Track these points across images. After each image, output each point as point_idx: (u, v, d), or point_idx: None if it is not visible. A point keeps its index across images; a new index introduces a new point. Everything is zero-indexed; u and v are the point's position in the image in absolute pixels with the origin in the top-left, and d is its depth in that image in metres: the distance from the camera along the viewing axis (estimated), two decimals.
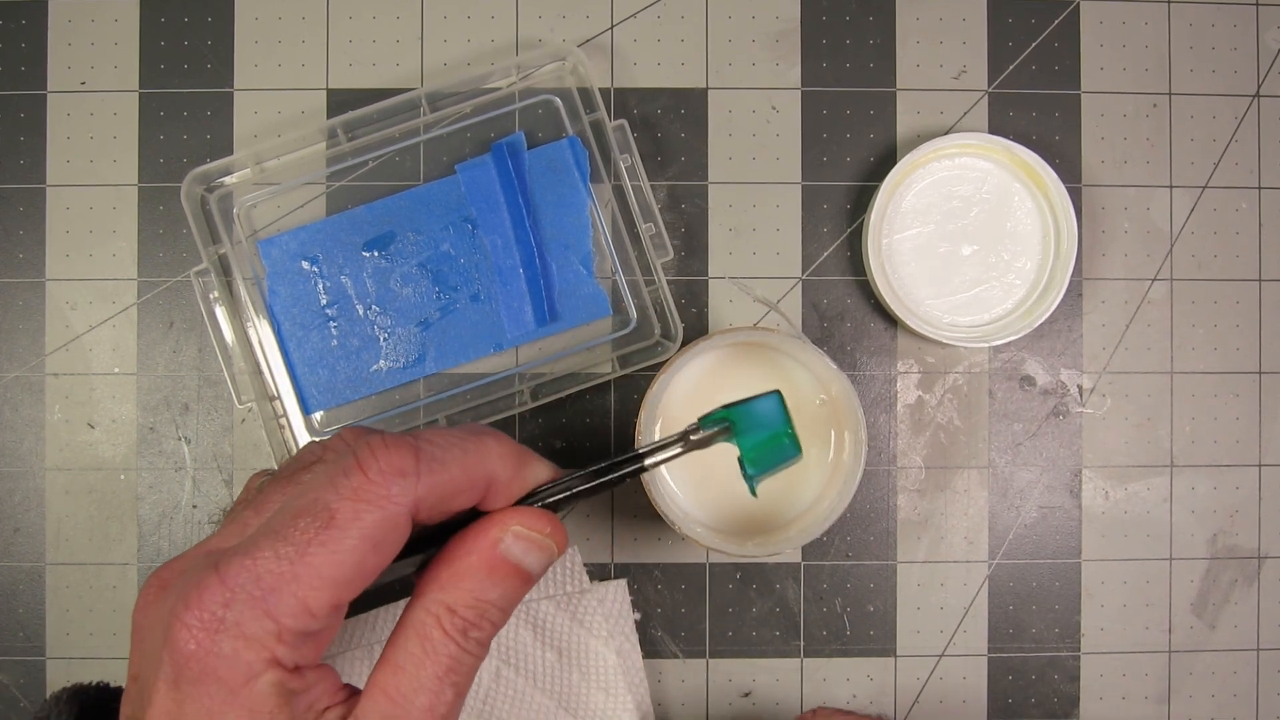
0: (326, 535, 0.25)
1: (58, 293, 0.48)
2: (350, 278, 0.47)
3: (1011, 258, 0.48)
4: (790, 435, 0.32)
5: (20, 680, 0.47)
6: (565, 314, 0.47)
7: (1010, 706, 0.48)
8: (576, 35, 0.48)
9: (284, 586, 0.25)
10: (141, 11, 0.48)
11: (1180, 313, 0.49)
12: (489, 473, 0.29)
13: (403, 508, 0.26)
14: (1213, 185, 0.49)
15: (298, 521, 0.25)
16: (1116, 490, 0.49)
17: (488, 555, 0.28)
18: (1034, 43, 0.49)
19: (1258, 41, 0.49)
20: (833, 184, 0.49)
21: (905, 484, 0.49)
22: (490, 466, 0.29)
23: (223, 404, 0.48)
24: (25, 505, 0.47)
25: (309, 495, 0.26)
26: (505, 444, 0.29)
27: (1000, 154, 0.47)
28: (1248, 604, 0.49)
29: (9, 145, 0.48)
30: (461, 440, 0.28)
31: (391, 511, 0.26)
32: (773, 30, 0.49)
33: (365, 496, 0.26)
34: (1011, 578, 0.49)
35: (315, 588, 0.25)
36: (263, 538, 0.25)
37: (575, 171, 0.47)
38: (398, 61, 0.48)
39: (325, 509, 0.25)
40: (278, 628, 0.25)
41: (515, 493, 0.30)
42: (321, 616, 0.25)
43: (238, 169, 0.47)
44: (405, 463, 0.26)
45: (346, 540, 0.25)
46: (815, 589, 0.48)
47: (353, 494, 0.26)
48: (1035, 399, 0.49)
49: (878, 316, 0.49)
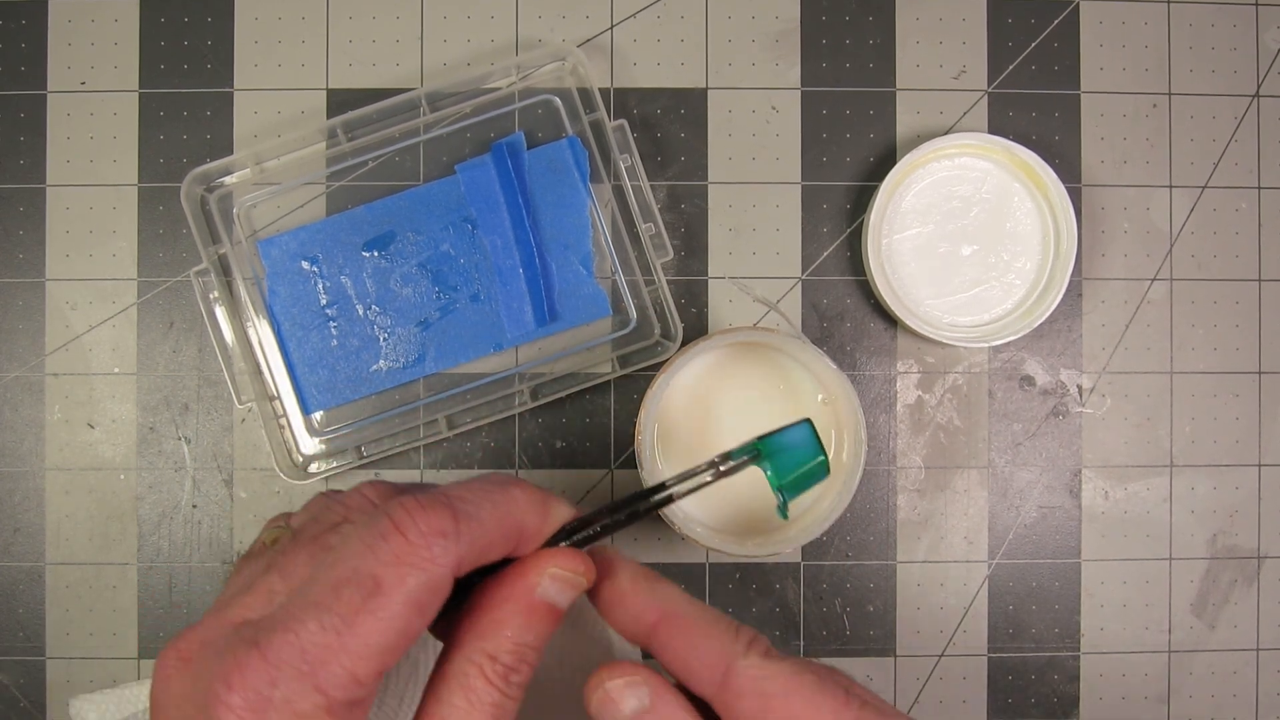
0: (373, 604, 0.24)
1: (58, 293, 0.48)
2: (350, 278, 0.47)
3: (1011, 258, 0.48)
4: (823, 463, 0.32)
5: (20, 680, 0.47)
6: (565, 314, 0.47)
7: (1010, 706, 0.48)
8: (576, 35, 0.48)
9: (332, 659, 0.24)
10: (141, 11, 0.48)
11: (1180, 313, 0.49)
12: (519, 522, 0.28)
13: (446, 569, 0.26)
14: (1212, 185, 0.49)
15: (340, 592, 0.25)
16: (1116, 490, 0.49)
17: (525, 601, 0.28)
18: (1034, 43, 0.49)
19: (1258, 41, 0.49)
20: (832, 184, 0.49)
21: (905, 484, 0.49)
22: (519, 516, 0.28)
23: (223, 404, 0.48)
24: (25, 505, 0.47)
25: (348, 563, 0.25)
26: (529, 492, 0.29)
27: (1000, 154, 0.47)
28: (1247, 604, 0.49)
29: (9, 145, 0.48)
30: (490, 493, 0.28)
31: (436, 574, 0.25)
32: (773, 30, 0.49)
33: (408, 560, 0.25)
34: (1011, 578, 0.49)
35: (363, 657, 0.24)
36: (303, 609, 0.25)
37: (575, 171, 0.47)
38: (398, 61, 0.48)
39: (369, 577, 0.25)
40: (327, 701, 0.24)
41: (543, 537, 0.29)
42: (369, 685, 0.25)
43: (238, 169, 0.47)
44: (444, 523, 0.26)
45: (392, 607, 0.25)
46: (815, 589, 0.48)
47: (394, 559, 0.25)
48: (1035, 399, 0.49)
49: (877, 316, 0.49)
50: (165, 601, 0.47)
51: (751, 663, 0.27)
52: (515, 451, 0.48)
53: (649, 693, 0.28)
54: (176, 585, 0.47)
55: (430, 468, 0.48)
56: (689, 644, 0.28)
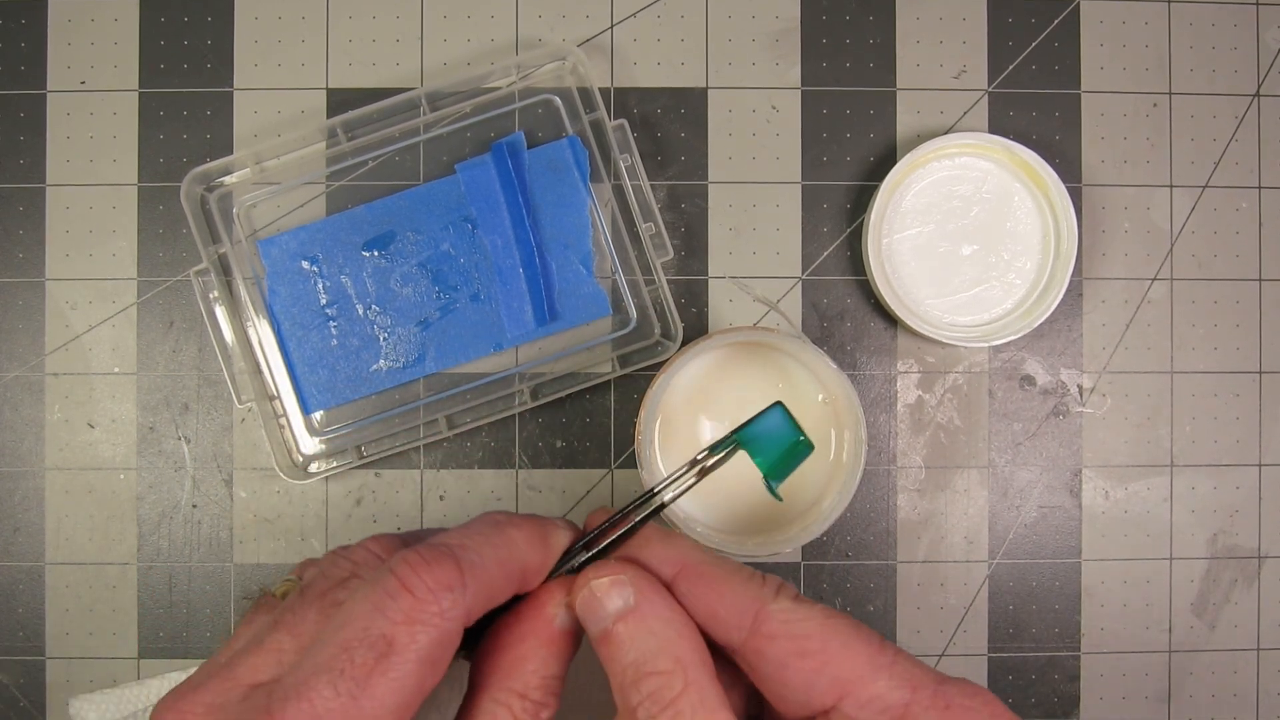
0: (385, 665, 0.24)
1: (58, 293, 0.48)
2: (350, 277, 0.47)
3: (1011, 257, 0.48)
4: (803, 441, 0.32)
5: (20, 680, 0.47)
6: (565, 314, 0.47)
7: (1010, 706, 0.48)
8: (576, 35, 0.48)
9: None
10: (141, 11, 0.48)
11: (1180, 312, 0.49)
12: (522, 563, 0.28)
13: (456, 622, 0.26)
14: (1213, 185, 0.49)
15: (352, 654, 0.24)
16: (1116, 490, 0.49)
17: (545, 633, 0.28)
18: (1034, 42, 0.49)
19: (1258, 41, 0.49)
20: (833, 184, 0.49)
21: (905, 484, 0.49)
22: (521, 556, 0.28)
23: (223, 404, 0.48)
24: (25, 505, 0.47)
25: (357, 623, 0.25)
26: (527, 529, 0.29)
27: (1000, 154, 0.47)
28: (1248, 604, 0.49)
29: (9, 145, 0.48)
30: (489, 538, 0.28)
31: (446, 629, 0.25)
32: (773, 30, 0.49)
33: (418, 618, 0.25)
34: (1011, 577, 0.49)
35: (378, 717, 0.24)
36: (314, 675, 0.24)
37: (575, 171, 0.47)
38: (398, 61, 0.48)
39: (381, 638, 0.25)
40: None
41: (546, 569, 0.29)
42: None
43: (238, 169, 0.47)
44: (451, 576, 0.26)
45: (405, 666, 0.24)
46: (815, 589, 0.48)
47: (404, 617, 0.25)
48: (1035, 399, 0.49)
49: (878, 316, 0.49)
50: (165, 601, 0.47)
51: (783, 605, 0.27)
52: (515, 451, 0.48)
53: (634, 592, 0.27)
54: (176, 585, 0.47)
55: (430, 468, 0.48)
56: (714, 591, 0.28)
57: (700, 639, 0.27)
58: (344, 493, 0.48)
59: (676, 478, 0.31)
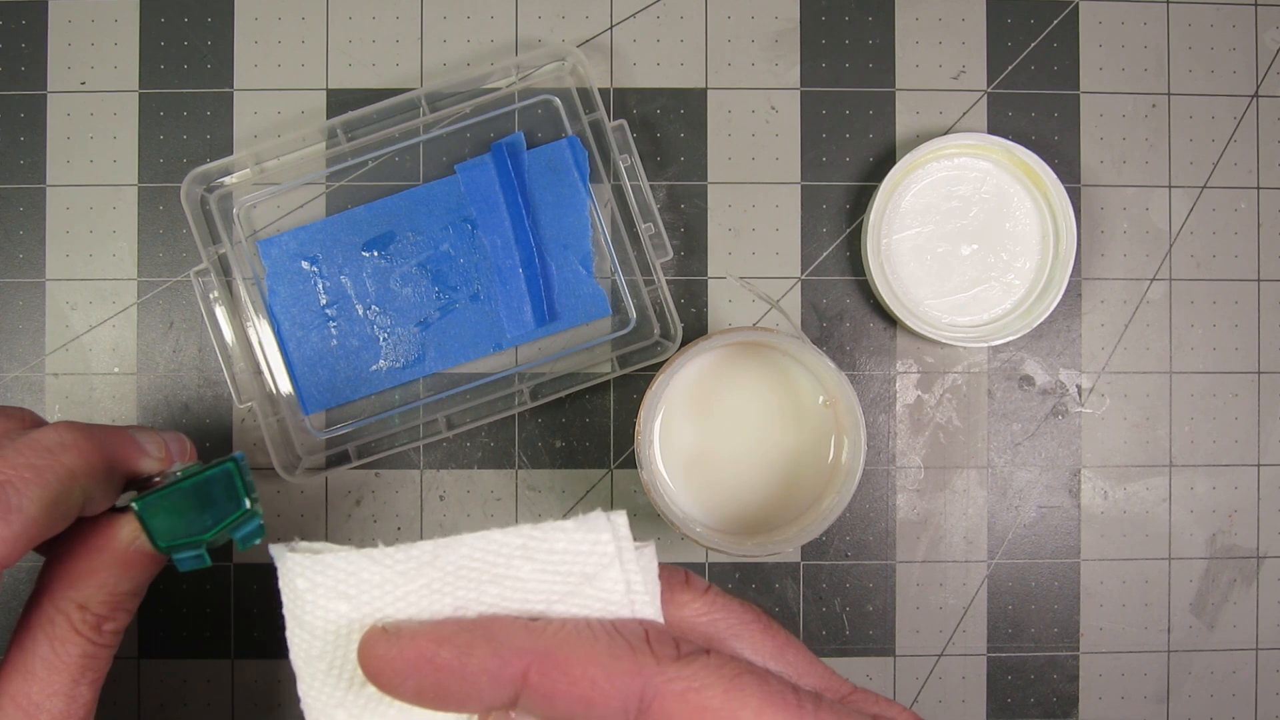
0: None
1: (58, 293, 0.48)
2: (350, 278, 0.47)
3: (1011, 258, 0.48)
4: (245, 512, 0.30)
5: None
6: (565, 314, 0.47)
7: (1009, 706, 0.49)
8: (576, 35, 0.48)
9: None
10: (141, 11, 0.48)
11: (1179, 313, 0.49)
12: (85, 496, 0.27)
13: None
14: (1212, 185, 0.49)
15: None
16: (1115, 490, 0.49)
17: (121, 552, 0.27)
18: (1033, 43, 0.49)
19: (1257, 41, 0.49)
20: (832, 184, 0.49)
21: (904, 484, 0.49)
22: (82, 492, 0.27)
23: (223, 404, 0.48)
24: None
25: None
26: (92, 455, 0.27)
27: (999, 154, 0.47)
28: (1247, 604, 0.49)
29: (9, 145, 0.48)
30: (42, 473, 0.27)
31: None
32: (772, 30, 0.49)
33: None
34: (1010, 578, 0.49)
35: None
36: None
37: (575, 171, 0.47)
38: (397, 61, 0.48)
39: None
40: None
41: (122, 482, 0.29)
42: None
43: (238, 169, 0.47)
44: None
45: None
46: (814, 589, 0.48)
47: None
48: (1034, 399, 0.49)
49: (877, 316, 0.49)
50: (165, 600, 0.47)
51: (673, 675, 0.21)
52: (515, 451, 0.48)
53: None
54: (176, 585, 0.47)
55: (430, 467, 0.48)
56: (583, 679, 0.22)
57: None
58: (344, 492, 0.48)
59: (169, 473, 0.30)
